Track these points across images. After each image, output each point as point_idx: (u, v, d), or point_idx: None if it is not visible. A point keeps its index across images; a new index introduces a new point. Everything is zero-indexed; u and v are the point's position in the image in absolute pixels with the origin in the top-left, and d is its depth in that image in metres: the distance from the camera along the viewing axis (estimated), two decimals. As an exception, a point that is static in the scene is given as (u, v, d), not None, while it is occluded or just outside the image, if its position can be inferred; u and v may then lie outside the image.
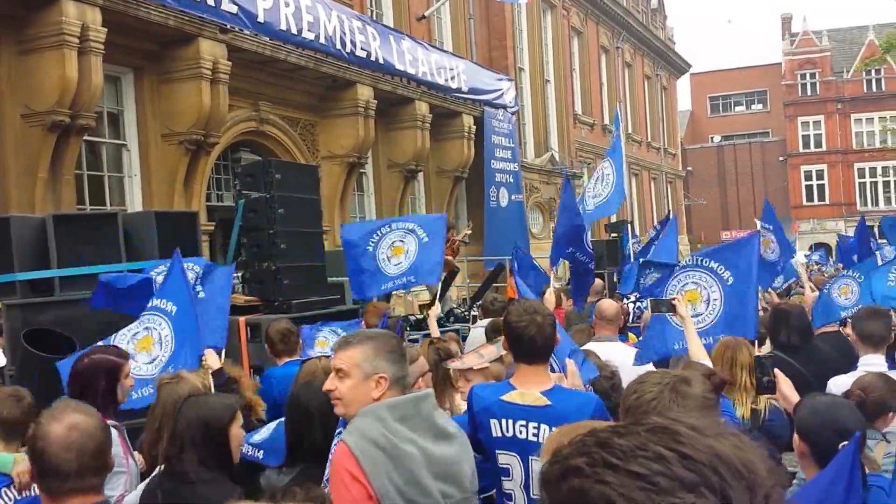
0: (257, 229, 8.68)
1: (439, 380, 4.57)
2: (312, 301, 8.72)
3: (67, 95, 10.24)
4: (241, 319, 8.10)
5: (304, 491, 2.73)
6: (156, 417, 3.90)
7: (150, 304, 5.12)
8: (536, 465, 3.28)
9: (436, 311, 6.99)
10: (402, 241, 7.44)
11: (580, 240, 8.98)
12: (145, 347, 5.03)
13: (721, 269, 5.67)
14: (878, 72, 47.34)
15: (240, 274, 8.70)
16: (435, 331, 6.85)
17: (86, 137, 11.30)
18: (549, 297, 6.96)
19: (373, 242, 7.44)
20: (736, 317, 5.51)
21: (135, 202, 12.42)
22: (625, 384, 4.78)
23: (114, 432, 3.44)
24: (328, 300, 9.04)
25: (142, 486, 3.63)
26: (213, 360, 5.05)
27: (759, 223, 9.97)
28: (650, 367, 5.47)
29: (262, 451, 4.34)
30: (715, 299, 5.61)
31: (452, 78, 19.00)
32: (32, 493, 3.58)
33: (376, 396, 2.88)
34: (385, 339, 3.00)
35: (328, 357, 5.07)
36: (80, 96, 10.35)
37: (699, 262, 5.72)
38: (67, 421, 2.58)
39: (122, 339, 4.98)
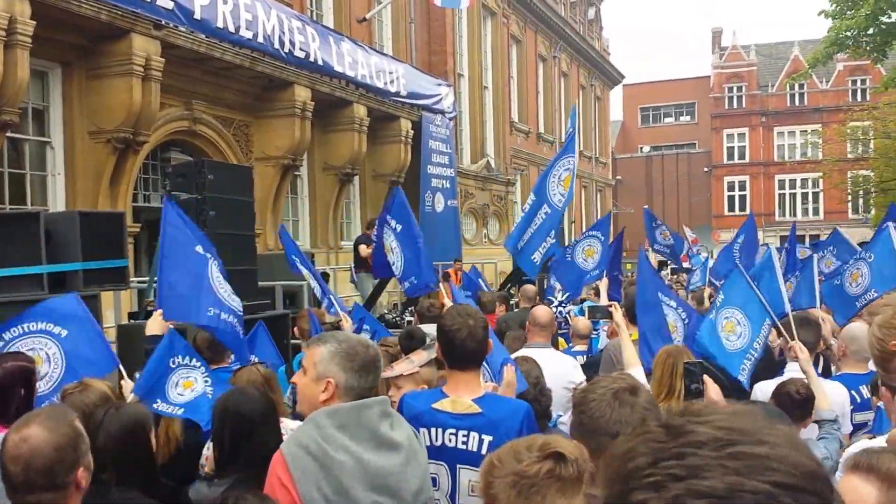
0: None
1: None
2: (244, 305, 8.44)
3: (-9, 91, 9.80)
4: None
5: (258, 499, 2.78)
6: None
7: (33, 325, 4.76)
8: (465, 474, 3.30)
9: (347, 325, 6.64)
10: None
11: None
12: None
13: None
14: (801, 87, 48.68)
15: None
16: None
17: (9, 134, 10.86)
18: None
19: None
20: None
21: (58, 202, 11.98)
22: (555, 390, 4.84)
23: None
24: (258, 305, 8.77)
25: None
26: (155, 322, 4.90)
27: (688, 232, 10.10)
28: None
29: (181, 409, 4.34)
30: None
31: (391, 82, 18.82)
32: None
33: (323, 400, 2.84)
34: (349, 345, 2.88)
35: (263, 364, 4.94)
36: (4, 91, 9.94)
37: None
38: (24, 432, 2.52)
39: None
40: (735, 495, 0.85)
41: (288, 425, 4.58)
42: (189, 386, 4.70)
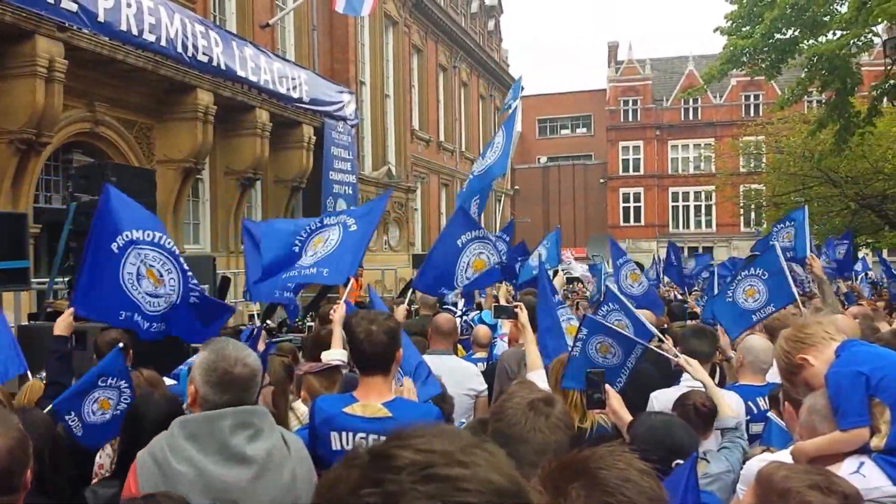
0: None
1: (281, 393, 4.62)
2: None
3: None
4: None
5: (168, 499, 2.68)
6: None
7: None
8: None
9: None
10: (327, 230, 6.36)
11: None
12: None
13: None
14: (695, 101, 49.86)
15: (66, 279, 8.46)
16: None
17: None
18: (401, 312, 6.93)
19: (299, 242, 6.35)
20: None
21: (-43, 201, 11.82)
22: (457, 398, 5.00)
23: None
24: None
25: None
26: (64, 322, 4.74)
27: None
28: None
29: (81, 428, 4.22)
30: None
31: (294, 88, 18.98)
32: None
33: (188, 404, 2.90)
34: (215, 359, 2.84)
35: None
36: None
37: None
38: None
39: None
40: None
41: (298, 410, 4.66)
42: (106, 406, 4.48)
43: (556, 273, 10.90)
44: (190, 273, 5.02)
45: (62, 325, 4.71)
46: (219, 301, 5.43)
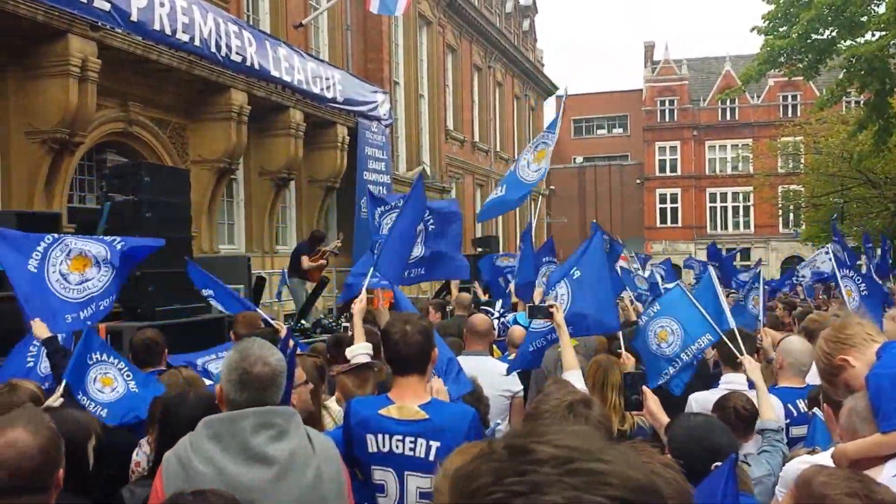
0: (122, 233, 8.44)
1: (313, 393, 4.49)
2: (177, 309, 8.53)
3: (-78, 89, 9.72)
4: (102, 326, 7.87)
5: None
6: None
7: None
8: (413, 480, 3.29)
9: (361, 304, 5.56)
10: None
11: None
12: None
13: (573, 271, 5.93)
14: (732, 101, 49.64)
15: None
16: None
17: (-59, 133, 10.75)
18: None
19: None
20: (587, 312, 5.68)
21: (-8, 202, 11.86)
22: (492, 399, 4.94)
23: None
24: (194, 308, 8.84)
25: None
26: (39, 328, 4.94)
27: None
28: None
29: (105, 409, 4.32)
30: (562, 294, 5.79)
31: (328, 88, 18.94)
32: None
33: (217, 402, 2.94)
34: (238, 358, 2.87)
35: (186, 367, 5.01)
36: (-63, 90, 9.83)
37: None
38: (7, 437, 2.49)
39: None
40: None
41: (332, 409, 4.66)
42: (108, 383, 4.70)
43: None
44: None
45: (41, 329, 4.92)
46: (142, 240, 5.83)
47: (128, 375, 4.67)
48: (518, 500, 0.92)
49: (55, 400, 4.45)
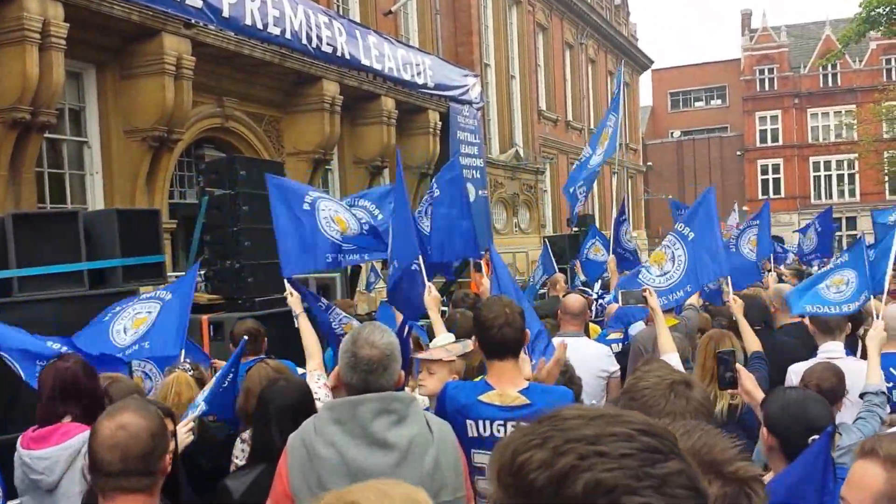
0: (221, 227, 8.56)
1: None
2: (276, 299, 8.60)
3: (28, 92, 9.97)
4: (204, 318, 8.00)
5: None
6: None
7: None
8: None
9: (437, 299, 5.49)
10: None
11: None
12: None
13: (682, 228, 6.23)
14: (833, 66, 48.08)
15: (202, 272, 8.56)
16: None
17: (46, 135, 11.06)
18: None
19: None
20: (703, 264, 6.01)
21: (96, 200, 12.17)
22: (586, 379, 4.97)
23: None
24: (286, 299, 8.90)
25: None
26: (295, 302, 5.54)
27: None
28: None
29: (205, 405, 4.40)
30: (679, 255, 6.08)
31: (419, 74, 18.88)
32: None
33: (332, 385, 3.09)
34: (350, 341, 2.93)
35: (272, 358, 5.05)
36: (41, 93, 10.08)
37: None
38: (118, 420, 2.60)
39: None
40: (602, 438, 1.01)
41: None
42: (143, 321, 5.46)
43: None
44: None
45: (294, 301, 5.53)
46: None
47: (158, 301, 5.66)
48: (556, 436, 1.02)
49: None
